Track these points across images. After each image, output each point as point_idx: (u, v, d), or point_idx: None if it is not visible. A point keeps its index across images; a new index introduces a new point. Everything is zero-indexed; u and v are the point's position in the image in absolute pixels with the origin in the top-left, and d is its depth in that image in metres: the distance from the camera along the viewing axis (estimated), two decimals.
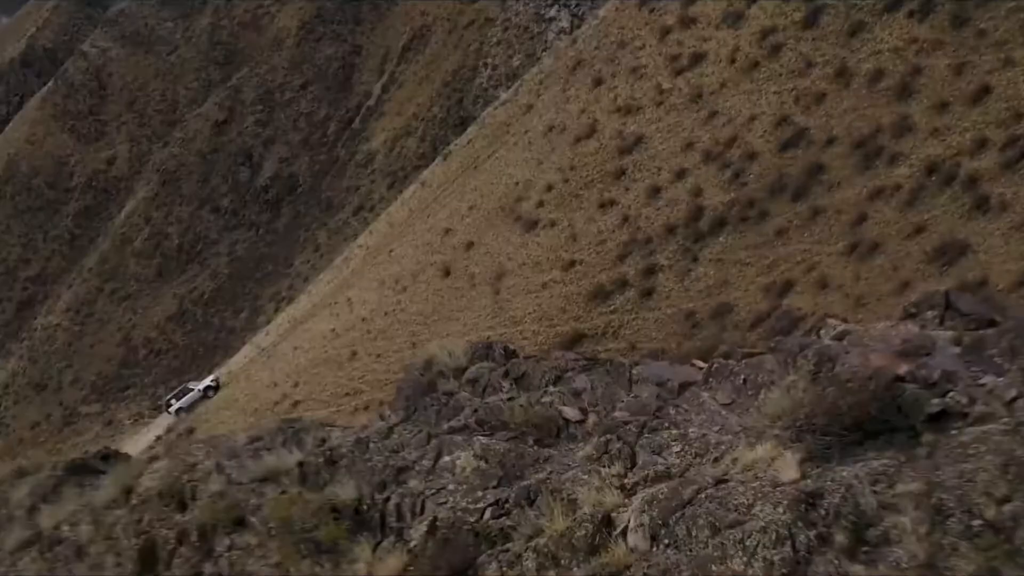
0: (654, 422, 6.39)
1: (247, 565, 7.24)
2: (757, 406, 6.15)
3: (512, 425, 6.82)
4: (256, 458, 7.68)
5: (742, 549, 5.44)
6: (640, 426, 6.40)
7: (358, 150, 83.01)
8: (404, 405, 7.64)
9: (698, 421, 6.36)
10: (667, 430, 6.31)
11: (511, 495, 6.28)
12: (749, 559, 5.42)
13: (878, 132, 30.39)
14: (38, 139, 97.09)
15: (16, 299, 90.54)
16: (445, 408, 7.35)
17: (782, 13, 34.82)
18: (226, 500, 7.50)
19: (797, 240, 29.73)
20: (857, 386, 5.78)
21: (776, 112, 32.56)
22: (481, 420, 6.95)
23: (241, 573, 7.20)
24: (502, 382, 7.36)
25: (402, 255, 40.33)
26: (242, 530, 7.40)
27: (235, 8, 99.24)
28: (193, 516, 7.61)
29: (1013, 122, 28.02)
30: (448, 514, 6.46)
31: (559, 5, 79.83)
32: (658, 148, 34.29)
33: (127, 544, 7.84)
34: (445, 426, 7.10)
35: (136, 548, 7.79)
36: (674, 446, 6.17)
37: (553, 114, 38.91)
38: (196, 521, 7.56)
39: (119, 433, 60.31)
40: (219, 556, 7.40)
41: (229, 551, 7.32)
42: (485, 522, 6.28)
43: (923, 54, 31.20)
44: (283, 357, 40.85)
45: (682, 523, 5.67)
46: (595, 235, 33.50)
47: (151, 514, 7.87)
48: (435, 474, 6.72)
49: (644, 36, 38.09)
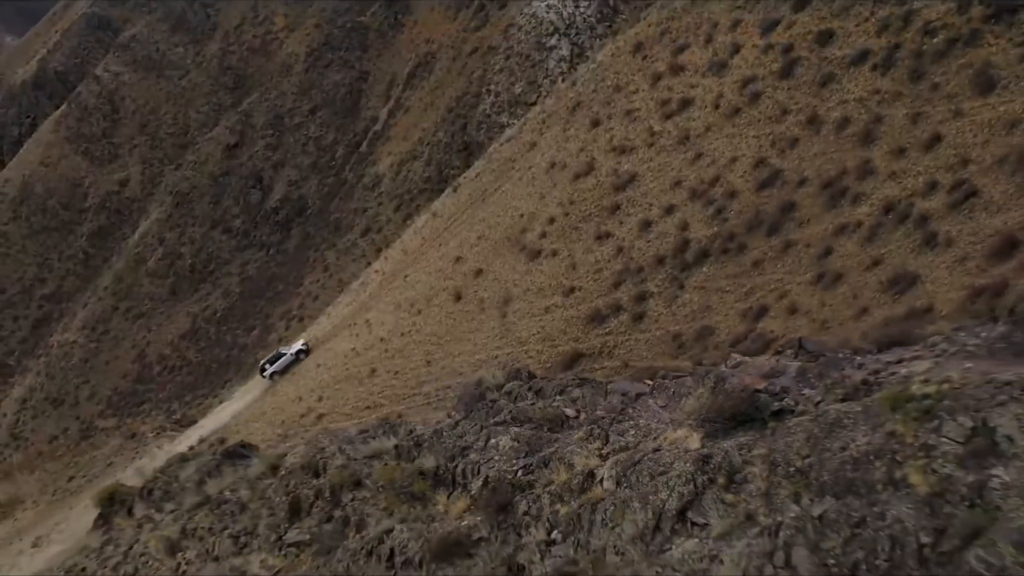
0: (620, 416, 10.73)
1: (364, 510, 11.62)
2: (680, 407, 10.52)
3: (534, 420, 11.18)
4: (365, 443, 12.06)
5: (666, 486, 9.84)
6: (611, 419, 10.73)
7: (365, 173, 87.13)
8: (464, 408, 11.99)
9: (645, 416, 10.74)
10: (627, 421, 10.67)
11: (533, 461, 10.66)
12: (670, 492, 9.82)
13: (843, 174, 34.72)
14: (52, 161, 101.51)
15: (32, 317, 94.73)
16: (491, 410, 11.67)
17: (761, 64, 39.32)
18: (348, 469, 11.89)
19: (771, 270, 34.05)
20: (735, 395, 10.20)
21: (754, 155, 36.97)
22: (514, 417, 11.29)
23: (360, 515, 11.57)
24: (527, 393, 11.68)
25: (416, 280, 44.82)
26: (359, 488, 11.79)
27: (244, 34, 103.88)
28: (325, 480, 11.99)
29: (960, 167, 32.29)
30: (495, 473, 10.85)
31: (559, 34, 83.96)
32: (649, 186, 38.73)
33: (278, 501, 12.20)
34: (491, 421, 11.43)
35: (286, 503, 12.15)
36: (631, 431, 10.51)
37: (554, 152, 43.44)
38: (328, 483, 11.93)
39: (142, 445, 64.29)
40: (344, 505, 11.78)
41: (352, 501, 11.69)
42: (517, 477, 10.67)
43: (884, 104, 35.55)
44: (307, 374, 45.18)
45: (634, 474, 10.06)
46: (592, 264, 37.91)
47: (295, 480, 12.25)
48: (486, 450, 11.10)
49: (637, 81, 42.62)
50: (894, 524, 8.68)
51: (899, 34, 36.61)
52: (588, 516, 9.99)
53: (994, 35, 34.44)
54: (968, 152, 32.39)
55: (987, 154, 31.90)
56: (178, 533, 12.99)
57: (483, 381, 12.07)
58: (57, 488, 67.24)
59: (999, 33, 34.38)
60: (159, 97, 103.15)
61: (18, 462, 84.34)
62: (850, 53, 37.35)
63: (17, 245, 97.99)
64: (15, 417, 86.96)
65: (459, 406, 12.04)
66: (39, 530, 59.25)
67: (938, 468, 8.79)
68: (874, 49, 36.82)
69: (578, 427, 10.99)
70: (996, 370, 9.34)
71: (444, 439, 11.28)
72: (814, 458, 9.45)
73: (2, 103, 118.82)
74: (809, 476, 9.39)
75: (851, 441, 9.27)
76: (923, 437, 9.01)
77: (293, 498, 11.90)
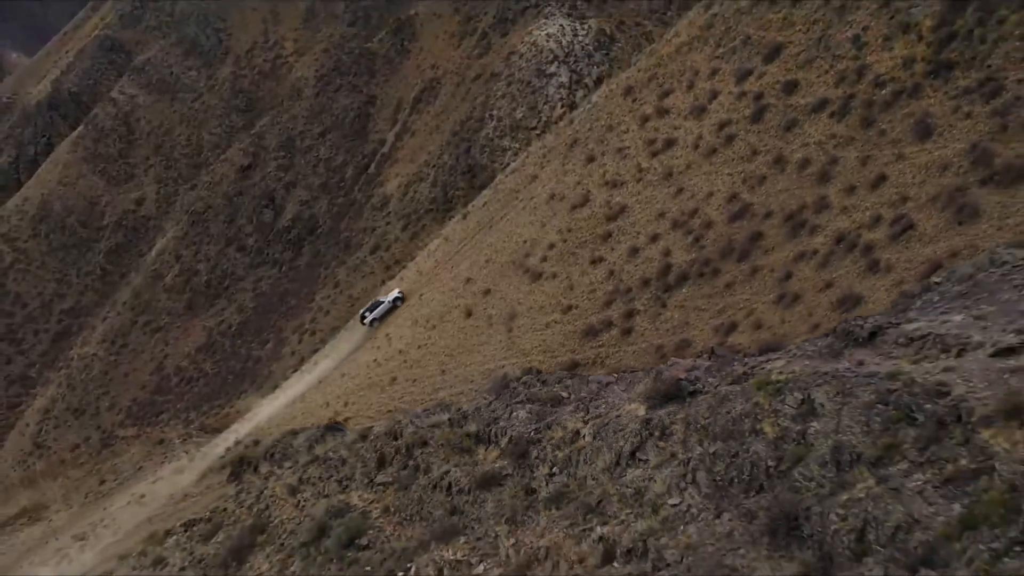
0: (596, 397, 17.22)
1: (429, 460, 18.13)
2: (633, 390, 17.03)
3: (540, 400, 17.69)
4: (428, 417, 18.57)
5: (623, 437, 16.38)
6: (590, 399, 17.21)
7: (373, 194, 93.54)
8: (495, 393, 18.44)
9: (612, 396, 17.26)
10: (601, 400, 17.17)
11: (541, 425, 17.16)
12: (626, 441, 16.36)
13: (803, 208, 41.06)
14: (70, 180, 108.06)
15: (52, 330, 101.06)
16: (512, 393, 18.12)
17: (735, 109, 45.93)
18: (417, 434, 18.41)
19: (740, 292, 40.40)
20: (667, 382, 16.76)
21: (728, 190, 43.50)
22: (528, 398, 17.80)
23: (426, 463, 18.08)
24: (536, 383, 18.14)
25: (431, 299, 51.33)
26: (425, 446, 18.31)
27: (255, 58, 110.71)
28: (402, 441, 18.50)
29: (900, 204, 38.58)
30: (515, 433, 17.39)
31: (559, 62, 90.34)
32: (637, 216, 45.28)
33: (369, 456, 18.71)
34: (512, 400, 17.92)
35: (375, 458, 18.66)
36: (603, 405, 16.99)
37: (554, 184, 50.03)
38: (404, 443, 18.43)
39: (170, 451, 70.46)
40: (416, 457, 18.30)
41: (420, 455, 18.21)
42: (532, 435, 17.19)
43: (839, 147, 41.95)
44: (333, 382, 51.49)
45: (603, 431, 16.60)
46: (587, 285, 44.41)
47: (380, 442, 18.75)
48: (510, 420, 17.62)
49: (627, 122, 49.27)
50: (754, 455, 15.19)
51: (854, 85, 43.13)
52: (575, 457, 16.53)
53: (933, 89, 40.91)
54: (907, 191, 38.72)
55: (923, 193, 38.30)
56: (296, 481, 19.32)
57: (507, 375, 18.48)
58: (89, 491, 73.24)
59: (937, 87, 40.85)
60: (173, 119, 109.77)
61: (41, 469, 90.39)
62: (811, 101, 43.88)
63: (37, 261, 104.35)
64: (38, 427, 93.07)
65: (491, 392, 18.46)
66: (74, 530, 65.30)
67: (781, 422, 15.31)
68: (832, 98, 43.34)
69: (569, 404, 17.52)
70: (819, 366, 15.85)
71: (482, 413, 17.73)
72: (711, 419, 15.97)
73: (18, 123, 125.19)
74: (708, 430, 15.90)
75: (732, 408, 15.80)
76: (774, 405, 15.52)
77: (380, 454, 18.29)
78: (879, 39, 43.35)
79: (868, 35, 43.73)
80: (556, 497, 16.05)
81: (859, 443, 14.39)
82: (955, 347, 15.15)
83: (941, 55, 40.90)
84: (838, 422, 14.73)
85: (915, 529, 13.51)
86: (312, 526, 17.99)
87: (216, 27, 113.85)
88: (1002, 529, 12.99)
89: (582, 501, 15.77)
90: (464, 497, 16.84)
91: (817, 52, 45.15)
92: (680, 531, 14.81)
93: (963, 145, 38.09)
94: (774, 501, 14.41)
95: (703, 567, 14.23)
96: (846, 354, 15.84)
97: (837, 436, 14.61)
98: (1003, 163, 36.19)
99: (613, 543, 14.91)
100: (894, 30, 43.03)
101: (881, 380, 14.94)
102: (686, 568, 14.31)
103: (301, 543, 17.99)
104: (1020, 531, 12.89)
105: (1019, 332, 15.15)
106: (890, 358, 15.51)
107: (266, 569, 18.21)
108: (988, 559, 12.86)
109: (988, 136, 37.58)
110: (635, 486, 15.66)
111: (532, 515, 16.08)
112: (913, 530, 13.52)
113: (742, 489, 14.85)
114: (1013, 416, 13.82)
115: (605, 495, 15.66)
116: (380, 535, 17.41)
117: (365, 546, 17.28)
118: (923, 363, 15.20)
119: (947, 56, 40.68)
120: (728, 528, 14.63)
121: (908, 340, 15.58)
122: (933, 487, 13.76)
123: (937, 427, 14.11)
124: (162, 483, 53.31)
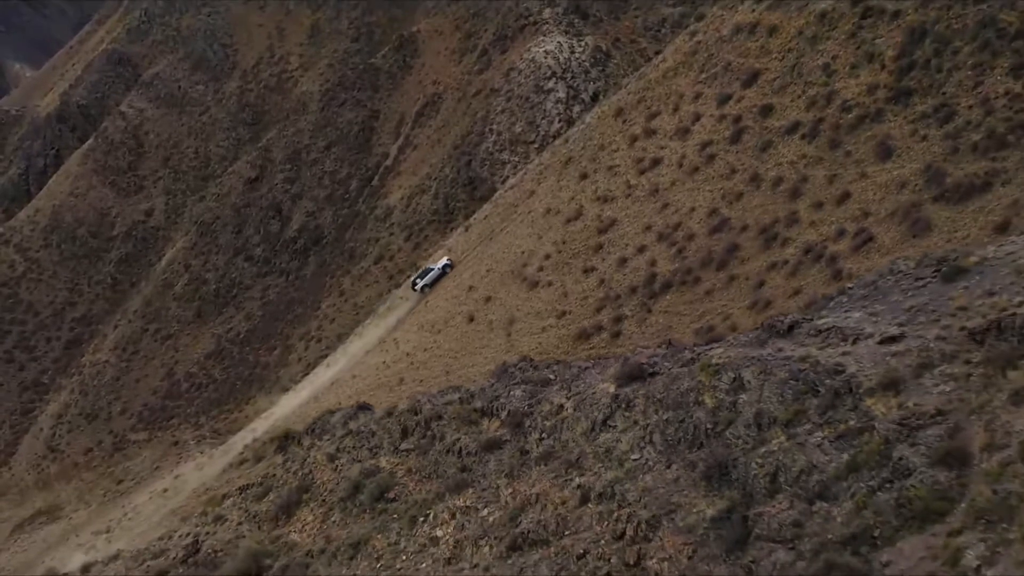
0: (576, 379, 22.08)
1: (443, 430, 23.06)
2: (606, 373, 21.90)
3: (533, 381, 22.58)
4: (442, 396, 23.47)
5: (597, 408, 21.30)
6: (572, 380, 22.07)
7: (377, 205, 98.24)
8: (497, 376, 23.27)
9: (589, 378, 22.14)
10: (580, 381, 22.04)
11: (533, 401, 22.05)
12: (599, 412, 21.28)
13: (776, 222, 45.66)
14: (81, 192, 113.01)
15: (64, 338, 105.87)
16: (511, 377, 22.94)
17: (716, 131, 50.88)
18: (434, 410, 23.33)
19: (719, 298, 45.08)
20: (632, 366, 21.68)
21: (709, 205, 48.34)
22: (523, 380, 22.66)
23: (442, 433, 23.00)
24: (529, 368, 22.99)
25: (436, 306, 56.26)
26: (440, 419, 23.25)
27: (261, 73, 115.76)
28: (422, 416, 23.39)
29: (863, 218, 43.21)
30: (513, 408, 22.31)
31: (556, 78, 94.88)
32: (626, 229, 50.18)
33: (394, 428, 23.60)
34: (511, 382, 22.77)
35: (399, 429, 23.54)
36: (581, 385, 21.85)
37: (550, 200, 54.98)
38: (423, 417, 23.33)
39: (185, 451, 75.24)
40: (433, 428, 23.24)
41: (436, 426, 23.12)
42: (526, 409, 22.10)
43: (809, 167, 46.59)
44: (345, 383, 56.30)
45: (582, 404, 21.52)
46: (580, 293, 49.28)
47: (404, 417, 23.63)
48: (508, 397, 22.51)
49: (618, 142, 54.26)
50: (696, 420, 20.03)
51: (823, 109, 47.96)
52: (560, 425, 21.41)
53: (893, 113, 45.67)
54: (869, 206, 43.40)
55: (883, 208, 43.04)
56: (334, 450, 24.07)
57: (506, 363, 23.30)
58: (107, 490, 77.93)
59: (897, 112, 45.60)
60: (181, 132, 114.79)
61: (55, 472, 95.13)
62: (785, 124, 48.68)
63: (49, 271, 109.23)
64: (51, 431, 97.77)
65: (494, 375, 23.26)
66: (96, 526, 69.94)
67: (718, 395, 20.15)
68: (803, 121, 48.14)
69: (555, 384, 22.40)
70: (748, 352, 20.70)
71: (486, 392, 22.56)
72: (665, 394, 20.82)
73: (27, 135, 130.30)
74: (662, 402, 20.75)
75: (681, 385, 20.65)
76: (713, 382, 20.37)
77: (403, 426, 23.10)
78: (846, 67, 48.19)
79: (837, 63, 48.54)
80: (544, 456, 20.89)
81: (775, 410, 19.23)
82: (851, 337, 20.03)
83: (901, 83, 45.68)
84: (760, 394, 19.59)
85: (813, 472, 18.31)
86: (348, 485, 22.77)
87: (223, 42, 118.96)
88: (877, 471, 17.77)
89: (565, 458, 20.64)
90: (472, 458, 21.68)
91: (791, 78, 50.01)
92: (639, 478, 19.67)
93: (919, 165, 42.81)
94: (710, 454, 19.26)
95: (656, 504, 19.09)
96: (769, 343, 20.71)
97: (759, 405, 19.47)
98: (953, 182, 40.97)
99: (588, 489, 19.77)
100: (860, 59, 47.84)
101: (794, 362, 19.81)
102: (643, 505, 19.16)
103: (339, 499, 22.77)
104: (890, 472, 17.67)
105: (900, 324, 20.05)
106: (802, 346, 20.38)
107: (311, 520, 23.00)
108: (866, 493, 17.60)
109: (941, 157, 42.33)
110: (606, 446, 20.52)
111: (526, 470, 20.93)
112: (812, 473, 18.32)
113: (687, 446, 19.70)
114: (889, 388, 18.70)
115: (583, 453, 20.53)
116: (404, 490, 22.23)
117: (392, 499, 22.10)
118: (827, 349, 20.09)
119: (907, 84, 45.46)
120: (675, 475, 19.49)
121: (817, 332, 20.46)
122: (828, 441, 18.58)
123: (834, 397, 18.95)
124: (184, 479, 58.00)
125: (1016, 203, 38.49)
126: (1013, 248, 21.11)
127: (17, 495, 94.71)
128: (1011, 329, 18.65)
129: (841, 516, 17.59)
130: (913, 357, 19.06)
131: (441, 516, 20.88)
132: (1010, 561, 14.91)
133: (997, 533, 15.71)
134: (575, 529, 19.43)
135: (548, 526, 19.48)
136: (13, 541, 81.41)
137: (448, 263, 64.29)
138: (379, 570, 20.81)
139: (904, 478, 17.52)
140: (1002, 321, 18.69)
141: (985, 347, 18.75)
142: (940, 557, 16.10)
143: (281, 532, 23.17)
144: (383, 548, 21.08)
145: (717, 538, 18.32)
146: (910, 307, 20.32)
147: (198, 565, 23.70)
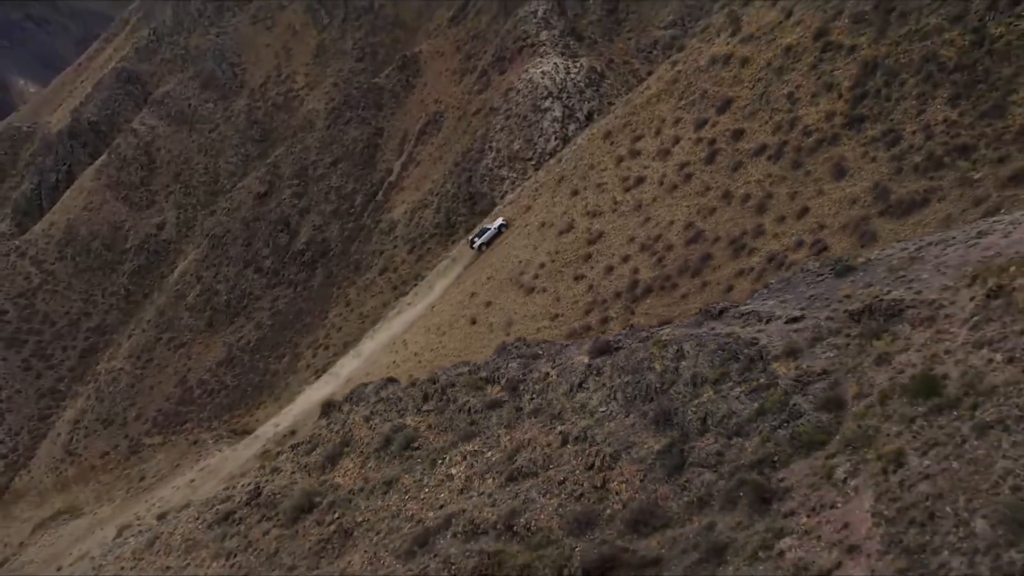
0: (560, 354, 29.30)
1: (456, 395, 30.34)
2: (581, 348, 29.15)
3: (526, 356, 29.81)
4: (455, 369, 30.73)
5: (574, 374, 28.58)
6: (555, 355, 29.28)
7: (382, 219, 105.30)
8: (498, 353, 30.42)
9: (569, 352, 29.39)
10: (562, 355, 29.26)
11: (526, 371, 29.30)
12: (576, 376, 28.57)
13: (744, 234, 52.90)
14: (95, 206, 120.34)
15: (79, 347, 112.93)
16: (508, 353, 30.12)
17: (693, 152, 58.31)
18: (449, 379, 30.60)
19: (693, 301, 52.31)
20: (602, 343, 28.99)
21: (686, 219, 55.73)
22: (518, 355, 29.87)
23: (455, 397, 30.28)
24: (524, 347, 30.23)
25: (441, 310, 63.56)
26: (454, 387, 30.54)
27: (268, 91, 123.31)
28: (439, 384, 30.66)
29: (819, 230, 50.46)
30: (511, 376, 29.61)
31: (553, 98, 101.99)
32: (612, 241, 57.54)
33: (417, 394, 30.92)
34: (509, 357, 29.97)
35: (421, 395, 30.85)
36: (563, 357, 29.06)
37: (544, 214, 62.36)
38: (440, 385, 30.61)
39: (204, 450, 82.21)
40: (448, 393, 30.54)
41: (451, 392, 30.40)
42: (520, 377, 29.39)
43: (773, 185, 53.86)
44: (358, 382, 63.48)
45: (563, 372, 28.82)
46: (571, 298, 56.60)
47: (424, 385, 30.91)
48: (506, 368, 29.77)
49: (606, 162, 61.66)
50: (649, 381, 27.23)
51: (787, 134, 55.35)
52: (546, 388, 28.67)
53: (848, 137, 52.98)
54: (824, 220, 50.66)
55: (836, 222, 50.34)
56: (369, 413, 31.20)
57: (505, 343, 30.55)
58: (130, 487, 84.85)
59: (851, 136, 52.89)
60: (191, 148, 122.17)
61: (73, 475, 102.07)
62: (754, 146, 56.07)
63: (64, 282, 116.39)
64: (69, 436, 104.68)
65: (495, 353, 30.50)
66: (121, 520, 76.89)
67: (665, 362, 27.40)
68: (770, 144, 55.53)
69: (543, 358, 29.63)
70: (689, 330, 27.93)
71: (489, 365, 29.76)
72: (626, 363, 28.03)
73: (39, 151, 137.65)
74: (624, 368, 27.95)
75: (639, 355, 27.88)
76: (661, 352, 27.59)
77: (424, 393, 30.26)
78: (808, 96, 55.59)
79: (800, 92, 55.95)
80: (535, 411, 28.12)
81: (707, 372, 26.44)
82: (766, 318, 27.30)
83: (855, 110, 52.99)
84: (696, 361, 26.81)
85: (732, 417, 25.42)
86: (381, 439, 29.86)
87: (231, 62, 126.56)
88: (777, 415, 24.82)
89: (550, 413, 27.87)
90: (478, 415, 28.87)
91: (759, 105, 57.44)
92: (605, 425, 26.90)
93: (868, 183, 50.14)
94: (658, 406, 26.47)
95: (617, 443, 26.29)
96: (705, 324, 27.98)
97: (695, 369, 26.69)
98: (897, 198, 48.27)
99: (567, 434, 26.98)
100: (820, 89, 55.23)
101: (722, 337, 27.06)
102: (607, 444, 26.36)
103: (374, 449, 29.85)
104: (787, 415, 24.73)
105: (802, 308, 27.32)
106: (729, 325, 27.64)
107: (351, 467, 30.07)
108: (769, 430, 24.62)
109: (887, 176, 49.67)
110: (581, 402, 27.72)
111: (520, 422, 28.16)
112: (731, 417, 25.44)
113: (641, 400, 26.93)
114: (790, 355, 25.89)
115: (563, 408, 27.76)
116: (426, 441, 29.42)
117: (416, 448, 29.26)
118: (747, 327, 27.35)
119: (860, 111, 52.79)
120: (632, 422, 26.71)
121: (741, 315, 27.71)
122: (745, 395, 25.73)
123: (749, 362, 26.15)
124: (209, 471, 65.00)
125: (949, 217, 45.76)
126: (891, 252, 28.36)
127: (36, 497, 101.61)
128: (879, 311, 25.89)
129: (751, 447, 24.56)
130: (809, 332, 26.29)
131: (455, 458, 28.03)
132: (867, 473, 21.87)
133: (859, 455, 22.73)
134: (557, 463, 26.62)
135: (537, 462, 26.66)
136: (38, 538, 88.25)
137: (503, 223, 69.84)
138: (407, 500, 27.98)
139: (796, 419, 24.48)
140: (873, 305, 25.93)
141: (860, 324, 25.99)
142: (819, 473, 23.09)
143: (327, 477, 30.20)
144: (410, 484, 28.23)
145: (662, 466, 25.43)
146: (810, 296, 27.58)
147: (260, 506, 30.74)
